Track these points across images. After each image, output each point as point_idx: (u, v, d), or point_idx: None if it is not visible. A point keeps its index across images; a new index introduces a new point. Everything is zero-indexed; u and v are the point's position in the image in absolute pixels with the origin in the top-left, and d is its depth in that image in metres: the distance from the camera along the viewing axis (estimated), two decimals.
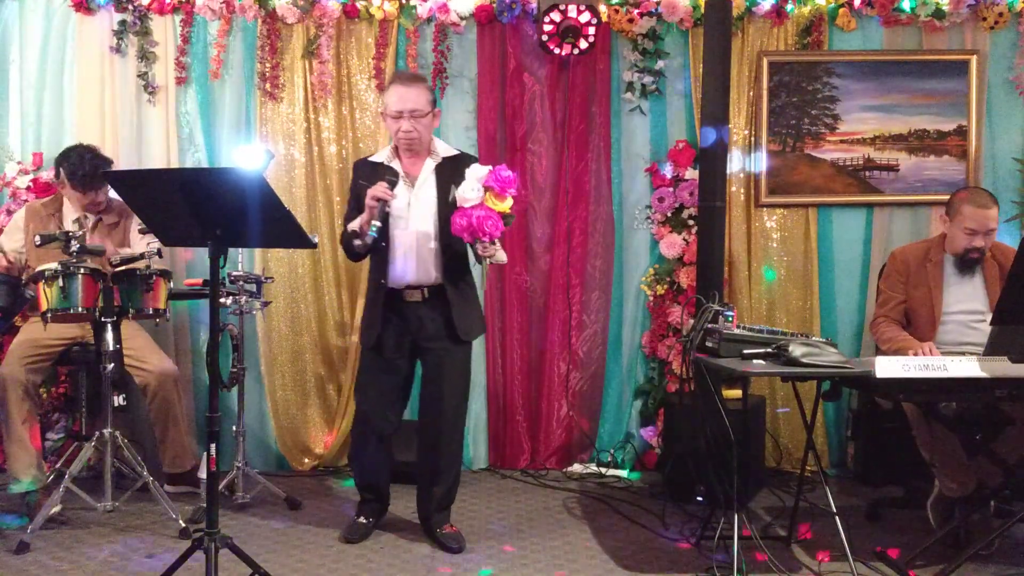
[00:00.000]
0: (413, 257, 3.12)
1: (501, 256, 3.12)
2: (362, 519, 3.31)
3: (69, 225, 3.61)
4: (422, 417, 3.30)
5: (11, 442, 3.42)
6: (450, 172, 3.14)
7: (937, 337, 3.30)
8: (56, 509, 3.30)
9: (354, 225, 3.11)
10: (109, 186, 3.63)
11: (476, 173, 2.96)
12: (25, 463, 3.39)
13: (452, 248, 3.14)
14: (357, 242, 3.11)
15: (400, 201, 3.11)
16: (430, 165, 3.17)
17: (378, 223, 3.00)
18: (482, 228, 2.90)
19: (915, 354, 3.01)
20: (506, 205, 2.95)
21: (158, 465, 3.71)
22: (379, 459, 3.31)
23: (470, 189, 2.93)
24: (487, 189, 2.92)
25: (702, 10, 3.97)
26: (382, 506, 3.39)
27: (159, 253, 3.34)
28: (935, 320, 3.33)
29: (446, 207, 3.10)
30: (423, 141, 3.16)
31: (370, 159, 3.28)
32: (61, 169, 3.60)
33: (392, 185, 3.04)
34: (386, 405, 3.25)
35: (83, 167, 3.55)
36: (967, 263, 3.33)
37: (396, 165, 3.16)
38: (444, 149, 3.24)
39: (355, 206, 3.18)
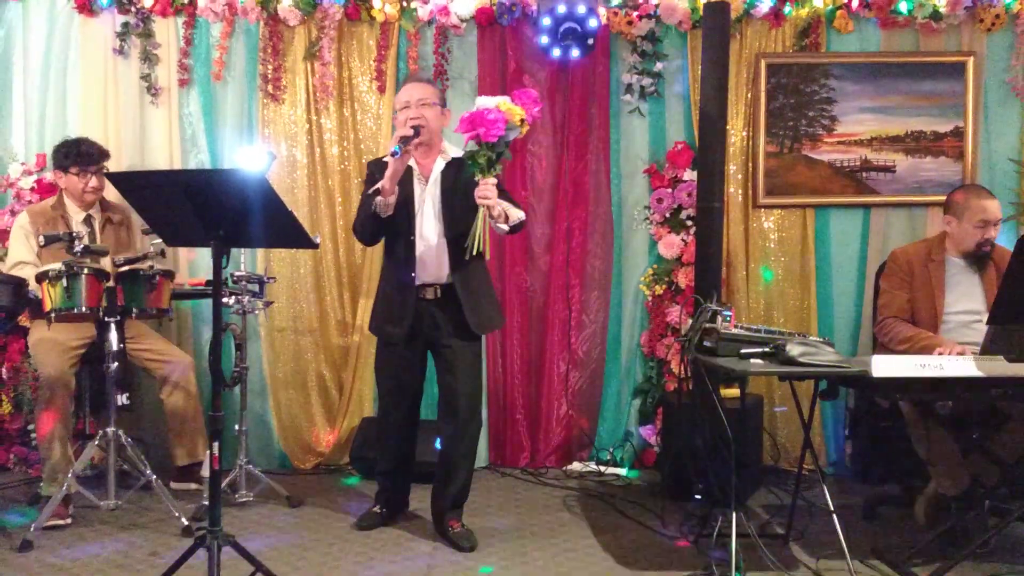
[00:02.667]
0: (429, 254, 3.18)
1: (515, 212, 3.12)
2: (376, 508, 3.44)
3: (76, 225, 3.63)
4: (440, 413, 3.35)
5: (54, 442, 3.41)
6: (457, 170, 3.17)
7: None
8: (67, 521, 3.35)
9: (379, 185, 3.05)
10: (103, 180, 3.69)
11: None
12: (64, 466, 3.37)
13: (460, 243, 3.15)
14: (379, 199, 3.03)
15: (416, 198, 3.18)
16: (440, 163, 3.22)
17: (400, 144, 2.99)
18: (483, 119, 2.88)
19: (940, 353, 2.99)
20: (518, 112, 2.95)
21: (162, 464, 3.73)
22: (402, 447, 3.41)
23: (492, 98, 2.96)
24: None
25: (700, 12, 3.99)
26: (397, 497, 3.49)
27: (163, 252, 3.37)
28: (937, 320, 3.34)
29: (451, 203, 3.16)
30: (431, 130, 3.16)
31: (383, 159, 3.26)
32: (54, 159, 3.71)
33: (407, 140, 3.03)
34: (405, 396, 3.35)
35: (66, 147, 3.67)
36: (980, 258, 3.32)
37: (411, 163, 3.18)
38: (454, 151, 3.26)
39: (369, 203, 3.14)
